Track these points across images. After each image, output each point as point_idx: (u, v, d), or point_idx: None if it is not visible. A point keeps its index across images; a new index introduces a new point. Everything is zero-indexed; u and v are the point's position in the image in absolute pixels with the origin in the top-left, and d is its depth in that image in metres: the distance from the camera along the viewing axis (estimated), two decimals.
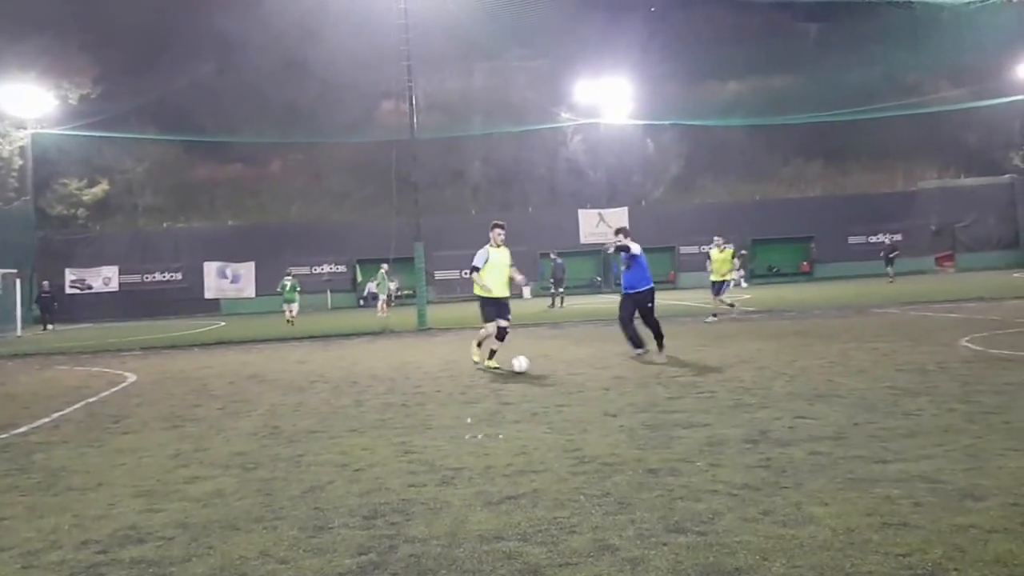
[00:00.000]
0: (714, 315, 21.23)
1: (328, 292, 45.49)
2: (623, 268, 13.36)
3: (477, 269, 12.77)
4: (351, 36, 45.64)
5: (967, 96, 43.87)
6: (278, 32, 50.70)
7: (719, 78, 55.47)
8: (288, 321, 27.98)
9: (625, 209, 46.87)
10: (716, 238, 22.24)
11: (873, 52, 45.70)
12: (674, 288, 42.83)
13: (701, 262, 43.45)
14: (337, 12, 42.50)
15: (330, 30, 48.90)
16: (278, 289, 29.85)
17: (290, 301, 28.70)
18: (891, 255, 36.45)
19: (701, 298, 30.21)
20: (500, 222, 13.35)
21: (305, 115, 52.98)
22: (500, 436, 7.56)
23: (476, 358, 13.17)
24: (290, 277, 29.52)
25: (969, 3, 28.69)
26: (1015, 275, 29.76)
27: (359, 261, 45.54)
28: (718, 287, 21.45)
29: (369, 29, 36.86)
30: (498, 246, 12.92)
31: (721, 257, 21.39)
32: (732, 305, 21.92)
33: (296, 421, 9.08)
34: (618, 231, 13.52)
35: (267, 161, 55.20)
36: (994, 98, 38.46)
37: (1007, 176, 47.56)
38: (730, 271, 21.76)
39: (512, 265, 13.07)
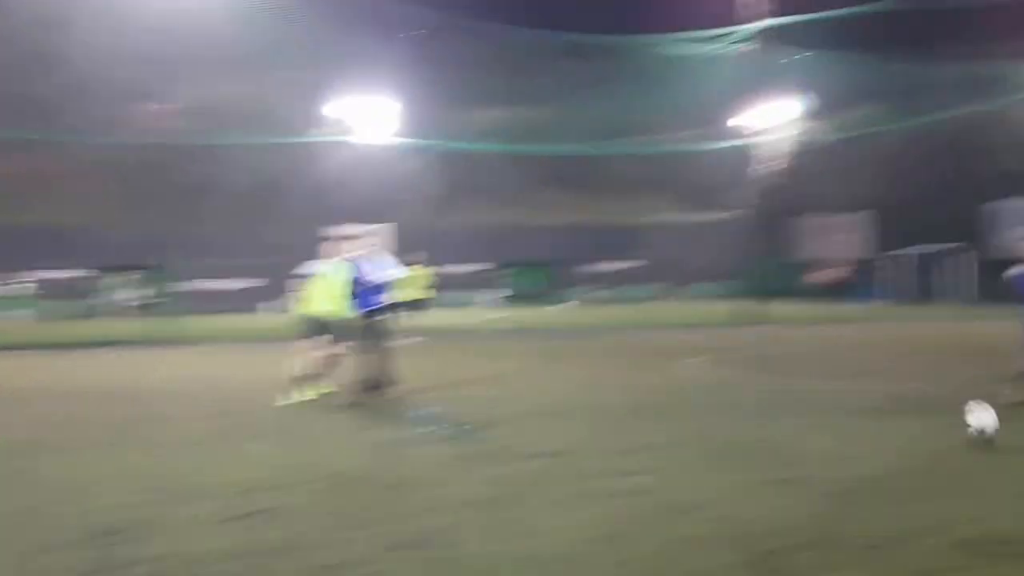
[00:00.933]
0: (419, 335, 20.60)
1: (75, 299, 42.02)
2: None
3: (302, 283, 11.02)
4: (107, 33, 42.75)
5: (695, 138, 47.46)
6: (26, 21, 46.49)
7: (481, 104, 56.72)
8: None
9: (383, 227, 46.71)
10: (415, 255, 21.36)
11: (621, 91, 48.49)
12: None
13: (458, 282, 44.53)
14: (94, 8, 39.72)
15: (85, 26, 45.55)
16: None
17: (13, 308, 26.42)
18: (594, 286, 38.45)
19: (460, 317, 30.71)
20: (334, 231, 11.61)
21: (53, 112, 48.82)
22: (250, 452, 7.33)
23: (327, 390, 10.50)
24: (19, 284, 27.17)
25: (705, 52, 31.21)
26: (732, 304, 32.50)
27: (105, 268, 42.43)
28: (409, 306, 20.42)
29: (127, 29, 34.73)
30: (334, 257, 11.03)
31: (417, 275, 20.28)
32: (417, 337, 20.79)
33: (18, 435, 8.33)
34: (341, 239, 11.23)
35: (4, 158, 50.27)
36: (719, 140, 41.89)
37: (731, 213, 51.90)
38: (424, 289, 20.94)
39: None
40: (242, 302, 40.68)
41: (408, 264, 20.33)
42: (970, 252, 37.21)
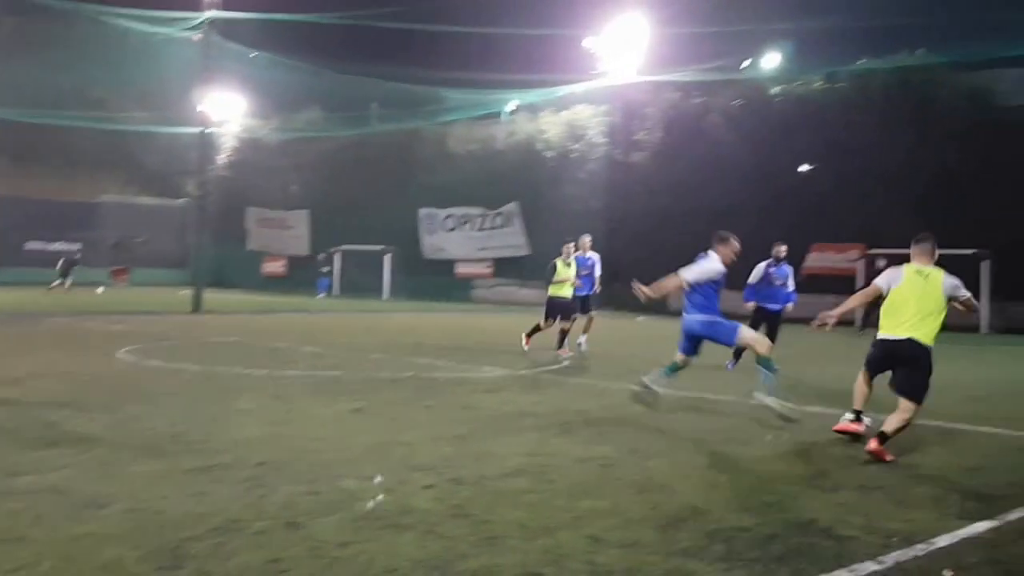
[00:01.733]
0: None
1: None
2: None
3: None
4: None
5: (151, 120, 45.51)
6: None
7: None
8: None
9: None
10: None
11: (65, 59, 44.49)
12: None
13: None
14: None
15: None
16: None
17: None
18: (70, 267, 35.91)
19: None
20: None
21: None
22: None
23: None
24: None
25: (155, 33, 30.06)
26: (181, 292, 31.91)
27: None
28: None
29: None
30: None
31: None
32: None
33: None
34: None
35: None
36: (176, 126, 40.68)
37: (182, 200, 50.68)
38: None
39: None
40: None
41: None
42: (391, 251, 41.34)
